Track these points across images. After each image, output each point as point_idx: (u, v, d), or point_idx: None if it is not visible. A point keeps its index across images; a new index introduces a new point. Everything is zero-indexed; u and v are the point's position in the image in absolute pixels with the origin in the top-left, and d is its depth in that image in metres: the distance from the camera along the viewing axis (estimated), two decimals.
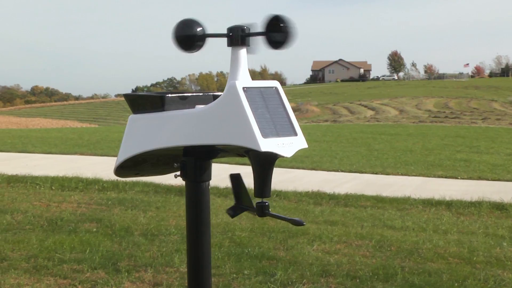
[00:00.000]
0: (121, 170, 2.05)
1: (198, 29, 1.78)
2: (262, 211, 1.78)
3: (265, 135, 1.62)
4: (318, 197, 7.62)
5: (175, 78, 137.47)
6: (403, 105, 56.44)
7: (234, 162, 10.92)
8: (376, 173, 9.92)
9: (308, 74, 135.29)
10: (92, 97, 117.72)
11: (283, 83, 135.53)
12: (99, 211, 6.45)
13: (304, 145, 1.73)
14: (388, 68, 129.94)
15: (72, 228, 5.65)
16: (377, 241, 5.41)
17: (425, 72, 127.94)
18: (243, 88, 1.67)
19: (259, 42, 1.78)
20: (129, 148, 1.96)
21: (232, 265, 4.61)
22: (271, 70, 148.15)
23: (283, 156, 1.66)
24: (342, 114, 51.74)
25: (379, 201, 7.47)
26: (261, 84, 1.73)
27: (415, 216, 6.68)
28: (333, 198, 7.58)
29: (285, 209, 6.86)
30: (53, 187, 8.02)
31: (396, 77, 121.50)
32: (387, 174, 9.86)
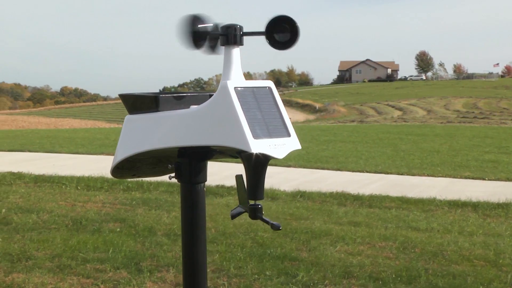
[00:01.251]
0: (117, 171, 2.03)
1: (208, 25, 1.75)
2: (254, 214, 1.74)
3: (256, 136, 1.59)
4: (342, 198, 7.58)
5: (202, 79, 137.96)
6: (431, 105, 55.95)
7: None
8: (401, 174, 9.83)
9: (335, 74, 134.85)
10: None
11: (310, 83, 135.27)
12: (123, 211, 6.49)
13: (298, 146, 1.69)
14: (416, 68, 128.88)
15: (96, 228, 5.69)
16: (401, 243, 5.36)
17: (454, 72, 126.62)
18: (235, 88, 1.64)
19: (264, 43, 1.75)
20: (125, 149, 1.94)
21: (254, 265, 4.60)
22: (298, 70, 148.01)
23: (275, 158, 1.64)
24: (369, 114, 51.45)
25: (404, 202, 7.40)
26: (254, 84, 1.70)
27: (441, 218, 6.60)
28: (358, 199, 7.53)
29: (309, 209, 6.83)
30: (78, 187, 8.10)
31: (424, 77, 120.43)
32: (413, 175, 9.77)
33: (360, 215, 6.59)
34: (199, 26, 1.73)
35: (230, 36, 1.73)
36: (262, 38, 1.75)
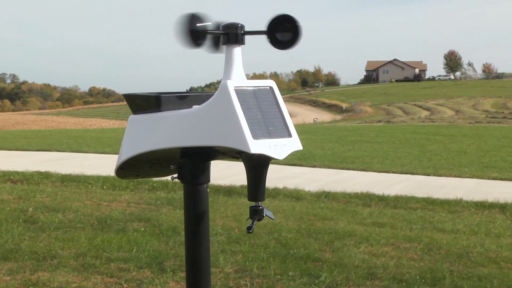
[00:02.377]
0: (121, 171, 2.02)
1: (198, 25, 1.72)
2: (255, 215, 1.73)
3: (255, 136, 1.57)
4: (367, 199, 7.53)
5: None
6: (459, 105, 55.36)
7: (283, 162, 10.90)
8: (428, 175, 9.74)
9: (362, 74, 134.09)
10: None
11: (336, 83, 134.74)
12: (148, 211, 6.52)
13: (299, 147, 1.67)
14: (444, 68, 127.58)
15: (121, 227, 5.73)
16: (426, 244, 5.31)
17: (483, 71, 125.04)
18: (235, 88, 1.62)
19: (264, 42, 1.73)
20: (128, 149, 1.93)
21: (277, 266, 4.59)
22: (325, 70, 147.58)
23: (274, 158, 1.62)
24: (396, 114, 51.08)
25: (429, 203, 7.33)
26: (255, 84, 1.68)
27: (467, 219, 6.52)
28: (383, 200, 7.47)
29: (333, 210, 6.80)
30: (104, 187, 8.16)
31: (452, 77, 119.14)
32: (439, 175, 9.67)
33: (384, 216, 6.54)
34: (197, 25, 1.72)
35: (231, 35, 1.72)
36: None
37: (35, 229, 5.63)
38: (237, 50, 1.73)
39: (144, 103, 1.89)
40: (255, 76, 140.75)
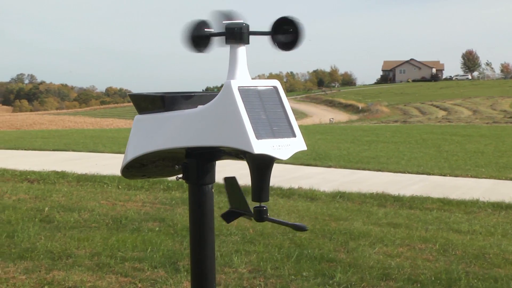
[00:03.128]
0: (127, 171, 2.02)
1: (203, 29, 1.74)
2: (260, 216, 1.72)
3: (259, 136, 1.56)
4: (382, 199, 7.50)
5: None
6: (476, 105, 54.97)
7: (299, 162, 10.88)
8: (444, 175, 9.68)
9: (378, 74, 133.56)
10: None
11: (353, 83, 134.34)
12: (162, 211, 6.54)
13: (303, 147, 1.65)
14: (461, 68, 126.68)
15: (136, 227, 5.75)
16: (442, 245, 5.27)
17: (501, 71, 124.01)
18: (239, 87, 1.61)
19: (267, 43, 1.73)
20: (134, 149, 1.92)
21: (291, 266, 4.58)
22: (341, 70, 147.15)
23: (278, 159, 1.61)
24: (412, 114, 50.83)
25: (445, 203, 7.28)
26: (259, 84, 1.67)
27: (483, 220, 6.47)
28: (398, 200, 7.44)
29: (348, 210, 6.77)
30: (119, 186, 8.20)
31: (470, 77, 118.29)
32: (456, 176, 9.61)
33: (400, 217, 6.50)
34: (205, 30, 1.74)
35: (235, 34, 1.71)
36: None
37: (51, 229, 5.66)
38: (242, 50, 1.72)
39: (149, 103, 1.89)
40: (271, 76, 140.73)
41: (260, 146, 1.55)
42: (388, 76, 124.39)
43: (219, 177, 1.92)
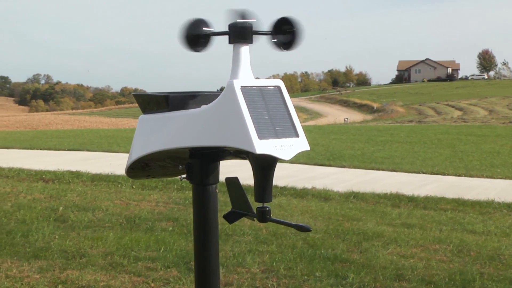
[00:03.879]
0: (132, 171, 2.02)
1: (206, 28, 1.74)
2: (263, 216, 1.71)
3: (261, 136, 1.55)
4: (396, 199, 7.46)
5: (258, 78, 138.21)
6: (493, 105, 54.57)
7: (312, 163, 10.86)
8: (459, 175, 9.61)
9: (393, 74, 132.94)
10: None
11: (367, 83, 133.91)
12: (176, 210, 6.55)
13: (306, 147, 1.63)
14: (477, 67, 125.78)
15: (149, 227, 5.76)
16: (456, 246, 5.24)
17: None
18: (241, 87, 1.60)
19: (267, 43, 1.74)
20: (138, 149, 1.92)
21: (304, 266, 4.57)
22: (356, 70, 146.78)
23: (280, 159, 1.60)
24: (428, 114, 50.59)
25: (460, 204, 7.23)
26: (262, 83, 1.66)
27: (498, 221, 6.42)
28: (412, 201, 7.40)
29: (362, 211, 6.75)
30: (133, 186, 8.22)
31: (486, 77, 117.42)
32: (471, 176, 9.54)
33: (414, 217, 6.47)
34: (204, 29, 1.73)
35: (239, 34, 1.71)
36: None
37: (65, 228, 5.70)
38: (245, 49, 1.71)
39: (153, 103, 1.89)
40: (286, 76, 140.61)
41: (263, 146, 1.54)
42: (403, 76, 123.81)
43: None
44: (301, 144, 1.63)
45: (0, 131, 32.10)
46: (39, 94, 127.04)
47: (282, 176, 9.02)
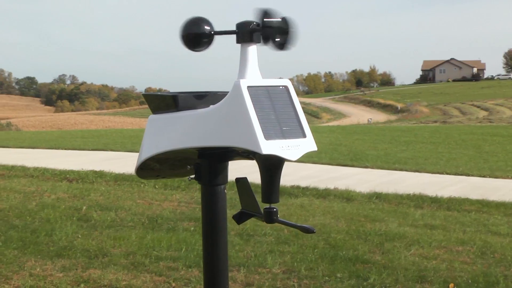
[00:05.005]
0: (141, 171, 2.01)
1: (205, 27, 1.72)
2: (270, 217, 1.69)
3: (268, 136, 1.53)
4: (419, 200, 7.41)
5: (282, 78, 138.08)
6: None
7: (335, 163, 10.82)
8: (483, 176, 9.51)
9: (418, 74, 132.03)
10: None
11: (391, 83, 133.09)
12: (198, 210, 6.57)
13: (313, 147, 1.61)
14: (504, 67, 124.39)
15: (171, 227, 5.79)
16: (480, 247, 5.18)
17: None
18: (248, 87, 1.59)
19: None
20: (147, 149, 1.92)
21: (325, 267, 4.55)
22: (380, 70, 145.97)
23: (287, 160, 1.58)
24: (452, 114, 50.15)
25: (484, 205, 7.15)
26: (269, 83, 1.64)
27: None
28: (435, 201, 7.34)
29: (384, 211, 6.70)
30: (156, 186, 8.27)
31: None
32: (496, 177, 9.43)
33: (437, 218, 6.41)
34: (205, 27, 1.72)
35: (245, 33, 1.69)
36: None
37: (88, 227, 5.74)
38: (252, 49, 1.70)
39: (162, 103, 1.89)
40: (309, 76, 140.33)
41: (269, 147, 1.53)
42: (427, 76, 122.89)
43: (251, 178, 1.91)
44: (308, 144, 1.61)
45: (27, 131, 32.53)
46: (64, 95, 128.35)
47: (304, 177, 9.01)
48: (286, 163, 1.81)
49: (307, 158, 10.30)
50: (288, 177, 8.71)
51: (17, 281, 4.19)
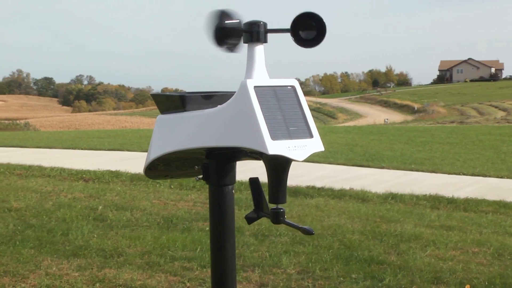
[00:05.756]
0: (150, 171, 2.02)
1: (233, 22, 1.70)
2: (276, 218, 1.69)
3: (274, 137, 1.53)
4: (435, 201, 7.36)
5: (299, 79, 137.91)
6: None
7: (351, 163, 10.79)
8: (501, 177, 9.43)
9: (435, 74, 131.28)
10: None
11: (408, 83, 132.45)
12: None
13: (320, 148, 1.60)
14: None
15: (186, 227, 5.80)
16: (496, 249, 5.14)
17: None
18: (255, 87, 1.58)
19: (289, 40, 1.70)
20: (155, 149, 1.92)
21: (340, 268, 4.54)
22: (397, 70, 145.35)
23: (293, 160, 1.57)
24: (470, 115, 49.80)
25: (502, 206, 7.09)
26: (276, 83, 1.63)
27: None
28: (452, 202, 7.29)
29: (400, 212, 6.67)
30: (172, 186, 8.29)
31: None
32: None
33: (453, 219, 6.37)
34: (226, 22, 1.70)
35: (254, 33, 1.69)
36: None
37: (104, 227, 5.77)
38: (259, 49, 1.69)
39: (170, 103, 1.89)
40: (326, 76, 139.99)
41: (275, 147, 1.53)
42: (445, 76, 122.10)
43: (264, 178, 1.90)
44: (315, 144, 1.60)
45: (44, 131, 32.77)
46: (82, 95, 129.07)
47: (320, 177, 8.99)
48: (301, 164, 1.80)
49: (323, 159, 10.29)
50: (304, 177, 8.70)
51: (34, 280, 4.22)
